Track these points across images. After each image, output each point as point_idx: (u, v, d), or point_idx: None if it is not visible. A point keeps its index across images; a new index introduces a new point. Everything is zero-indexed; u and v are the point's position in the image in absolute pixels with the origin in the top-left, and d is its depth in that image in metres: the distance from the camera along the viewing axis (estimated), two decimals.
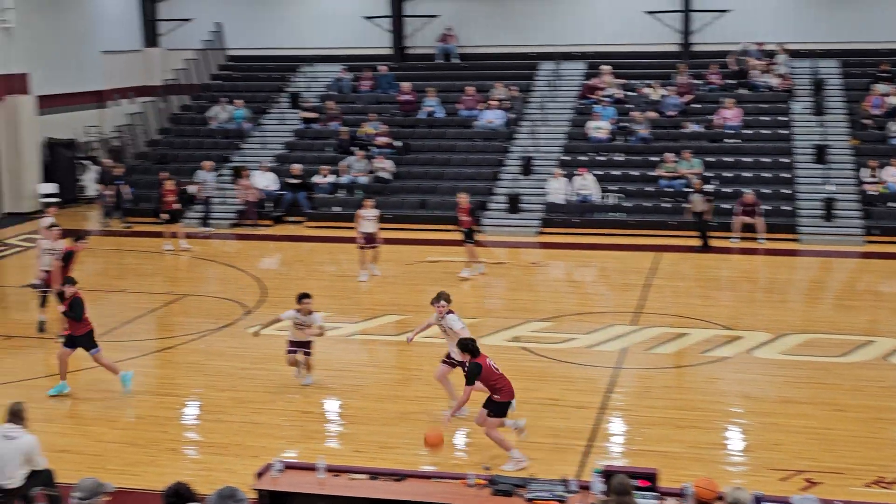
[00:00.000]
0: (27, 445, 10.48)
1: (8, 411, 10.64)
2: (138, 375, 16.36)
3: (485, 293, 21.45)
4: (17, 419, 10.57)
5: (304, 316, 15.32)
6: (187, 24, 36.31)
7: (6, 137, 29.74)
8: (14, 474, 10.39)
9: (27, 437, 10.52)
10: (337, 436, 13.84)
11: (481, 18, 34.29)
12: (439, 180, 28.86)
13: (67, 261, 18.03)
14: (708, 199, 24.68)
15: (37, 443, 10.62)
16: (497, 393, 12.57)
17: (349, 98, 32.96)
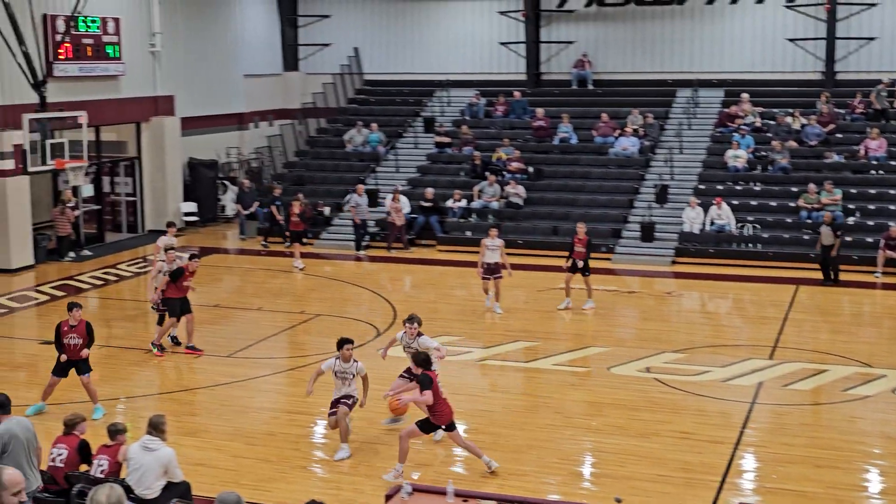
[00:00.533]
0: (166, 457, 10.70)
1: (148, 423, 10.89)
2: (271, 393, 16.64)
3: (616, 322, 21.17)
4: (157, 431, 10.81)
5: (344, 364, 13.98)
6: (326, 48, 37.01)
7: (151, 157, 30.70)
8: (152, 485, 10.62)
9: (166, 450, 10.75)
10: (464, 461, 13.77)
11: (618, 45, 34.05)
12: (572, 207, 28.68)
13: (175, 278, 18.33)
14: (837, 234, 23.85)
15: (174, 455, 10.84)
16: (433, 414, 12.67)
17: (483, 123, 33.07)
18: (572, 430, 14.67)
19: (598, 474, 13.20)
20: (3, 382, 17.11)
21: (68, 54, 26.83)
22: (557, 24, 34.54)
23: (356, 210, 28.03)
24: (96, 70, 27.96)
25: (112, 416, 14.45)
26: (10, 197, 25.12)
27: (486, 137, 32.05)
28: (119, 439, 11.19)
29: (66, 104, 26.09)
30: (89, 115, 26.12)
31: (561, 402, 15.93)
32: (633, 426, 14.70)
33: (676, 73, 33.27)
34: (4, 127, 25.08)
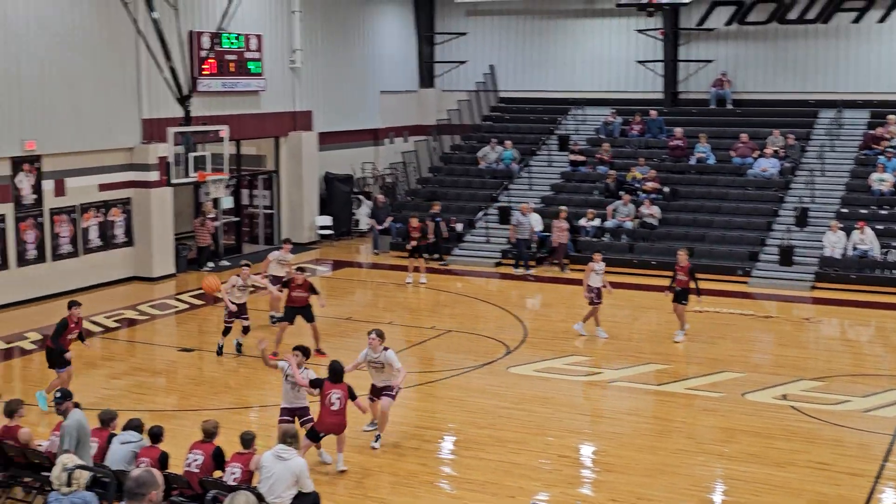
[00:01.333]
0: (297, 467, 10.85)
1: (283, 433, 11.06)
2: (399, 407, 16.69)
3: (752, 347, 20.65)
4: (290, 441, 10.98)
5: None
6: (462, 66, 37.22)
7: (289, 171, 31.31)
8: (283, 494, 10.76)
9: (298, 460, 10.90)
10: (593, 482, 13.59)
11: (758, 64, 33.35)
12: (708, 228, 28.16)
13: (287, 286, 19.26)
14: None
15: (306, 466, 10.97)
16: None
17: (618, 142, 32.76)
18: (704, 455, 14.35)
19: (730, 502, 12.86)
20: (143, 388, 17.64)
21: (212, 70, 27.59)
22: (696, 42, 34.03)
23: (517, 228, 27.70)
24: (238, 85, 28.68)
25: (244, 425, 14.69)
26: (154, 207, 25.93)
27: (622, 156, 31.74)
28: (252, 448, 11.39)
29: (208, 118, 26.82)
30: (230, 129, 26.79)
31: (693, 427, 15.60)
32: (767, 454, 14.30)
33: (819, 94, 32.39)
34: (150, 140, 25.93)
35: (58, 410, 11.89)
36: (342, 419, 13.37)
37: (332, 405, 13.25)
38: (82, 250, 24.77)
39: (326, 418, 13.31)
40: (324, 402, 13.31)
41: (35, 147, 23.26)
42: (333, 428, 13.39)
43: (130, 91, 25.61)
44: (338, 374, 13.41)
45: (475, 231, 30.09)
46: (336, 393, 13.28)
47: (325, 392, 13.30)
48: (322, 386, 13.37)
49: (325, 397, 13.30)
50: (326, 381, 13.39)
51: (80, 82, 24.22)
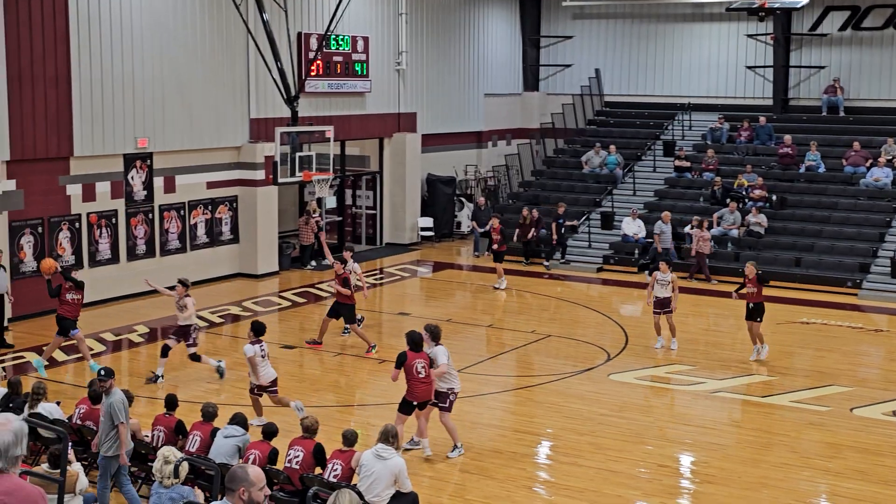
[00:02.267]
0: (397, 467, 10.90)
1: (383, 432, 11.11)
2: (499, 410, 16.66)
3: (861, 361, 20.11)
4: (390, 440, 11.03)
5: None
6: (567, 69, 37.03)
7: (392, 172, 31.51)
8: (382, 493, 10.81)
9: (398, 459, 10.95)
10: (693, 494, 13.36)
11: (873, 70, 32.50)
12: (817, 238, 27.52)
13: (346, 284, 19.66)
14: None
15: (405, 466, 11.01)
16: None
17: (725, 148, 32.23)
18: (809, 471, 14.00)
19: None
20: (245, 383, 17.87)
21: (319, 71, 27.90)
22: (808, 47, 33.32)
23: (660, 237, 27.23)
24: (345, 87, 28.96)
25: (344, 423, 14.81)
26: (261, 206, 26.32)
27: (729, 163, 31.22)
28: (353, 446, 11.46)
29: (314, 118, 27.12)
30: (336, 129, 27.03)
31: (797, 441, 15.24)
32: (875, 471, 13.90)
33: None
34: (257, 139, 26.34)
35: (101, 388, 11.96)
36: (430, 386, 13.81)
37: (418, 374, 13.68)
38: (189, 246, 25.27)
39: (416, 388, 13.73)
40: (410, 373, 13.68)
41: (147, 145, 23.80)
42: (425, 395, 13.81)
43: (240, 91, 26.06)
44: (418, 343, 13.84)
45: (577, 236, 29.87)
46: (420, 362, 13.71)
47: (410, 363, 13.69)
48: (405, 357, 13.72)
49: (411, 368, 13.68)
50: (409, 352, 13.78)
51: (192, 82, 24.72)
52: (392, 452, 10.97)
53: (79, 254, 22.56)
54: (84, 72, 22.17)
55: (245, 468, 6.40)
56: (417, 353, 13.77)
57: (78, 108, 22.12)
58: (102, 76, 22.57)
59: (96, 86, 22.46)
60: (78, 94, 22.09)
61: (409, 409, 13.91)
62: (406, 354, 13.77)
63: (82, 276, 18.90)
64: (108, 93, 22.74)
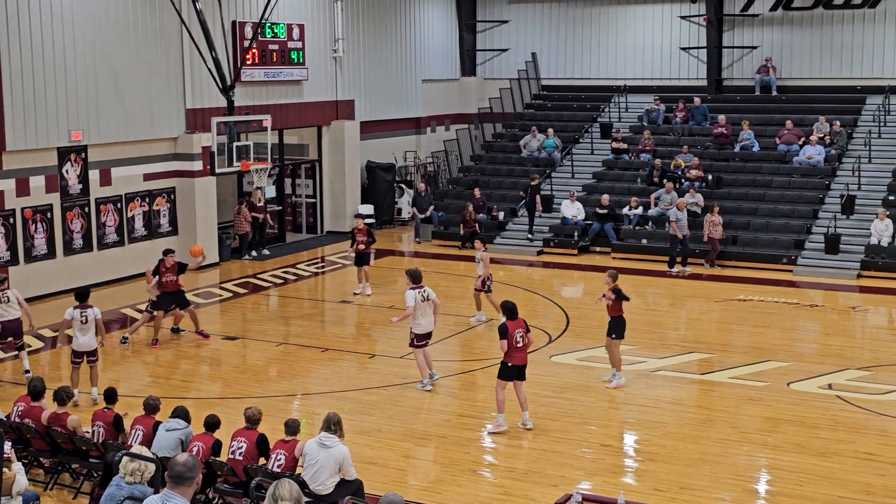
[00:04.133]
0: (340, 454, 10.93)
1: (326, 420, 11.12)
2: (443, 395, 16.73)
3: (797, 337, 20.48)
4: (332, 428, 11.05)
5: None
6: (504, 53, 37.14)
7: (331, 159, 31.41)
8: (326, 481, 10.84)
9: (341, 447, 10.99)
10: (635, 472, 13.55)
11: (804, 50, 32.98)
12: (752, 216, 27.92)
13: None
14: None
15: (349, 453, 11.04)
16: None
17: (661, 129, 32.55)
18: (748, 445, 14.26)
19: (774, 493, 12.76)
20: (188, 376, 17.81)
21: (255, 60, 27.72)
22: (741, 28, 33.71)
23: (677, 225, 25.83)
24: (281, 75, 28.80)
25: (288, 413, 14.81)
26: (199, 197, 26.12)
27: (665, 144, 31.53)
28: (296, 435, 11.46)
29: (251, 108, 26.97)
30: (273, 118, 26.90)
31: (736, 417, 15.50)
32: (812, 444, 14.19)
33: (866, 80, 31.98)
34: (194, 130, 26.12)
35: None
36: (523, 353, 14.60)
37: (517, 343, 14.45)
38: (127, 239, 25.02)
39: (516, 354, 14.48)
40: (511, 342, 14.37)
41: (81, 137, 23.50)
42: (524, 360, 14.64)
43: (175, 81, 25.81)
44: (514, 311, 14.57)
45: (517, 220, 30.04)
46: (519, 331, 14.47)
47: (511, 332, 14.36)
48: (507, 328, 14.38)
49: (512, 337, 14.36)
50: (508, 322, 14.46)
51: (126, 73, 24.44)
52: (335, 440, 10.99)
53: (14, 249, 22.23)
54: (14, 64, 21.82)
55: (195, 456, 6.47)
56: (514, 321, 14.45)
57: (9, 101, 21.78)
58: (34, 68, 22.24)
59: (27, 78, 22.13)
60: (9, 87, 21.74)
61: (508, 375, 14.59)
62: (507, 325, 14.40)
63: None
64: (39, 85, 22.41)
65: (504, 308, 14.75)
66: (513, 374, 14.60)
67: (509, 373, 14.60)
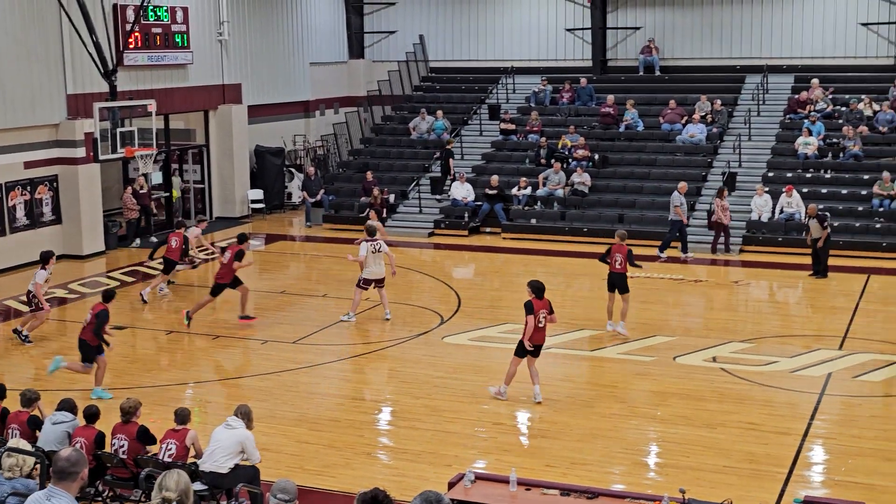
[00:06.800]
0: (243, 436, 11.00)
1: (236, 409, 11.17)
2: (336, 379, 16.76)
3: (683, 311, 20.98)
4: (239, 415, 11.11)
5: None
6: (391, 36, 37.09)
7: (218, 145, 31.02)
8: (223, 462, 10.81)
9: (245, 430, 11.03)
10: (528, 449, 13.76)
11: (685, 30, 33.68)
12: (638, 195, 28.46)
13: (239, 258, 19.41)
14: (824, 226, 23.13)
15: (252, 437, 11.05)
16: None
17: (548, 110, 32.91)
18: (637, 419, 14.59)
19: (663, 464, 13.10)
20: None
21: (138, 43, 27.17)
22: (624, 9, 34.25)
23: (681, 209, 25.13)
24: (165, 59, 28.29)
25: (180, 402, 14.65)
26: (83, 184, 25.54)
27: (552, 125, 31.90)
28: (186, 424, 11.36)
29: (135, 93, 26.46)
30: (158, 103, 26.45)
31: (626, 392, 15.84)
32: (698, 416, 14.58)
33: (745, 59, 32.84)
34: (76, 116, 25.52)
35: None
36: (542, 334, 14.92)
37: (539, 323, 14.78)
38: (9, 229, 24.36)
39: (535, 333, 14.78)
40: (536, 320, 14.71)
41: None
42: (542, 340, 14.96)
43: (54, 66, 25.14)
44: (541, 291, 14.91)
45: (408, 202, 30.12)
46: (543, 311, 14.80)
47: (536, 311, 14.72)
48: (533, 306, 14.71)
49: (537, 316, 14.71)
50: (534, 301, 14.77)
51: (3, 59, 23.72)
52: (240, 423, 11.09)
53: None
54: None
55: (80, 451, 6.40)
56: (541, 300, 14.76)
57: None
58: None
59: None
60: None
61: (524, 353, 14.92)
62: (532, 303, 14.69)
63: None
64: None
65: (532, 287, 14.96)
66: (529, 351, 14.93)
67: (526, 351, 14.93)
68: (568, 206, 28.29)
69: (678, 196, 25.35)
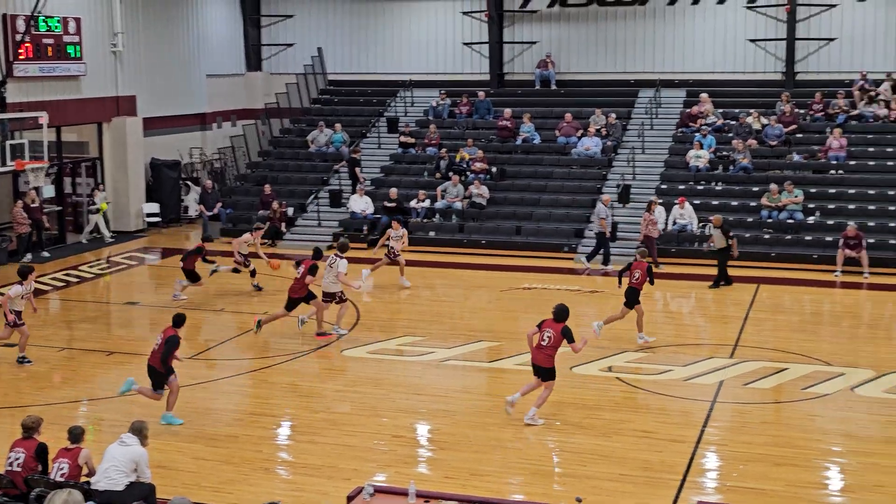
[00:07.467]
0: (136, 454, 10.85)
1: (131, 426, 11.00)
2: (234, 395, 16.61)
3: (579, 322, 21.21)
4: (137, 434, 10.98)
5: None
6: (289, 48, 36.93)
7: (113, 158, 30.49)
8: (117, 479, 10.64)
9: (140, 448, 10.87)
10: (427, 461, 13.82)
11: (580, 45, 34.21)
12: (535, 207, 28.79)
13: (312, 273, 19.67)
14: (729, 236, 23.84)
15: (146, 455, 10.89)
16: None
17: (446, 123, 33.11)
18: (535, 429, 14.74)
19: (560, 474, 13.28)
20: None
21: (28, 54, 26.61)
22: (521, 24, 34.66)
23: (606, 221, 25.55)
24: (57, 70, 27.74)
25: (73, 420, 14.37)
26: None
27: (450, 138, 32.09)
28: (80, 443, 11.15)
29: (26, 105, 25.90)
30: (50, 115, 25.92)
31: (523, 403, 15.95)
32: (594, 425, 14.80)
33: (639, 74, 33.50)
34: None
35: None
36: (542, 354, 14.77)
37: (542, 341, 14.77)
38: None
39: (533, 350, 14.93)
40: (540, 337, 14.84)
41: None
42: (539, 360, 14.84)
43: None
44: (557, 314, 14.90)
45: (307, 215, 30.00)
46: (548, 331, 14.77)
47: (542, 328, 14.86)
48: (543, 322, 14.94)
49: (540, 333, 14.84)
50: (545, 320, 14.95)
51: None
52: (135, 440, 10.94)
53: None
54: None
55: None
56: (555, 322, 14.78)
57: None
58: None
59: None
60: None
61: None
62: (544, 321, 14.90)
63: None
64: None
65: (556, 308, 14.96)
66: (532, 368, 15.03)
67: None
68: (466, 219, 28.49)
69: (604, 208, 25.77)
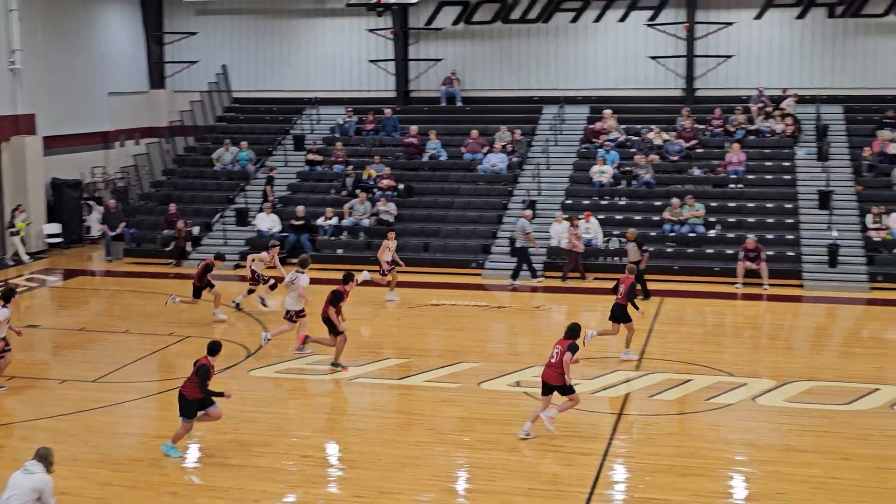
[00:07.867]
0: (41, 482, 10.57)
1: (36, 453, 10.73)
2: (139, 418, 16.35)
3: (487, 338, 21.39)
4: (42, 461, 10.70)
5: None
6: (193, 66, 36.56)
7: (12, 177, 29.84)
8: None
9: (44, 476, 10.63)
10: (337, 480, 13.75)
11: (485, 62, 34.52)
12: (442, 223, 28.92)
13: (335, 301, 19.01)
14: (643, 250, 24.36)
15: (51, 483, 10.65)
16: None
17: (353, 141, 33.09)
18: (445, 446, 14.77)
19: (471, 490, 13.32)
20: None
21: None
22: (426, 41, 34.85)
23: (530, 235, 25.83)
24: None
25: None
26: None
27: (357, 155, 32.08)
28: None
29: None
30: None
31: (433, 419, 16.01)
32: (503, 440, 14.88)
33: (543, 91, 33.90)
34: None
35: None
36: (552, 371, 14.81)
37: (551, 358, 14.90)
38: None
39: (545, 368, 14.98)
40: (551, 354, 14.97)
41: None
42: (548, 377, 14.88)
43: None
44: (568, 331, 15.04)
45: (212, 234, 29.70)
46: (556, 348, 14.87)
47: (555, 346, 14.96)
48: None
49: (552, 350, 14.94)
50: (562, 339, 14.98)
51: None
52: (39, 468, 10.65)
53: None
54: None
55: None
56: (564, 338, 14.88)
57: None
58: None
59: None
60: None
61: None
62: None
63: None
64: None
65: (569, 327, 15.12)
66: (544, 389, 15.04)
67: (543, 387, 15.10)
68: (374, 236, 28.47)
69: (528, 223, 25.98)
